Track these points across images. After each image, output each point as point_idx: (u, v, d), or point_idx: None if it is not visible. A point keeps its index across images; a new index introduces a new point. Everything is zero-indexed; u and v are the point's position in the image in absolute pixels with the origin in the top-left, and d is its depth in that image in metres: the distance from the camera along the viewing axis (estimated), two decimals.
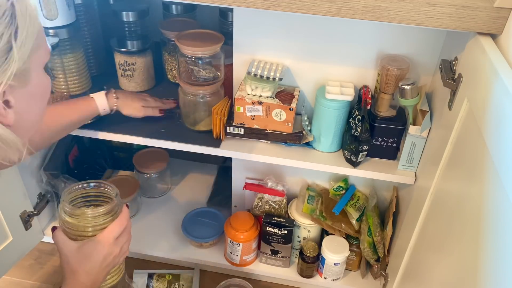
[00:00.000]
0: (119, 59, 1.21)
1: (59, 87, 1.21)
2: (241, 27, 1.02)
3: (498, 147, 0.58)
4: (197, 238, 1.31)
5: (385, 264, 1.17)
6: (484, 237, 0.59)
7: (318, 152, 1.09)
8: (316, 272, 1.27)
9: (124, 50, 1.20)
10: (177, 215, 1.42)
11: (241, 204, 1.34)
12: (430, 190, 0.88)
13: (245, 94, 1.04)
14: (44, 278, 1.35)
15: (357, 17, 0.77)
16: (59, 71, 1.19)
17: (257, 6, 0.79)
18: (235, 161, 1.24)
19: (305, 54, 1.03)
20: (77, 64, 1.20)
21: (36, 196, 1.31)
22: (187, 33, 1.06)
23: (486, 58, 0.68)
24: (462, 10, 0.73)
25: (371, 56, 1.01)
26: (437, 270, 0.78)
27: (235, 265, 1.30)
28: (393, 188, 1.19)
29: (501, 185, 0.55)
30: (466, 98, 0.74)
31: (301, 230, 1.24)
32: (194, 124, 1.13)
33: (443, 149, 0.82)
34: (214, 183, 1.55)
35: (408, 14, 0.75)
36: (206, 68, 1.07)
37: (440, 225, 0.81)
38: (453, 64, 0.84)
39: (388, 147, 1.05)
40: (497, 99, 0.61)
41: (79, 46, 1.20)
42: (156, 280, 1.32)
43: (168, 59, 1.29)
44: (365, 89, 1.02)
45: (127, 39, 1.22)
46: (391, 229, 1.14)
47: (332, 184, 1.24)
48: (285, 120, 1.03)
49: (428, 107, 0.97)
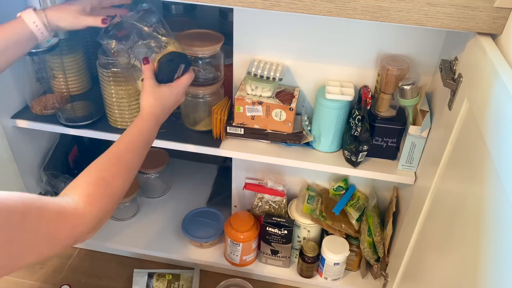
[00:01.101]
0: None
1: (59, 87, 1.21)
2: (241, 27, 1.02)
3: (498, 147, 0.58)
4: (197, 238, 1.31)
5: (385, 264, 1.17)
6: (484, 237, 0.59)
7: (318, 152, 1.09)
8: (316, 272, 1.27)
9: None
10: (177, 215, 1.42)
11: (241, 204, 1.34)
12: (430, 190, 0.88)
13: (245, 94, 1.04)
14: (44, 278, 1.35)
15: (357, 17, 0.77)
16: (59, 71, 1.19)
17: (257, 6, 0.79)
18: (235, 161, 1.24)
19: (305, 54, 1.03)
20: (77, 64, 1.20)
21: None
22: (187, 33, 1.06)
23: (486, 58, 0.68)
24: (462, 10, 0.73)
25: (371, 56, 1.01)
26: (437, 270, 0.78)
27: (235, 265, 1.30)
28: (393, 188, 1.19)
29: (501, 185, 0.55)
30: (466, 98, 0.74)
31: (301, 230, 1.24)
32: (194, 124, 1.13)
33: (443, 149, 0.82)
34: (214, 183, 1.55)
35: (408, 14, 0.75)
36: (206, 68, 1.07)
37: (440, 225, 0.81)
38: (453, 64, 0.84)
39: (388, 147, 1.05)
40: (497, 99, 0.61)
41: (79, 46, 1.20)
42: (156, 280, 1.32)
43: None
44: (365, 89, 1.02)
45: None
46: (391, 229, 1.14)
47: (332, 184, 1.24)
48: (285, 120, 1.03)
49: (428, 107, 0.97)
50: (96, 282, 1.36)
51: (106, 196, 0.71)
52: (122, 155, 0.78)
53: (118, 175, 0.75)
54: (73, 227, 0.64)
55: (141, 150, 0.82)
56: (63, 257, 1.42)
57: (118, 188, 0.75)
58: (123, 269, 1.40)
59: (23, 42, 0.90)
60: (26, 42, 0.91)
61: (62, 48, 1.15)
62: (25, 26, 0.89)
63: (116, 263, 1.42)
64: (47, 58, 1.16)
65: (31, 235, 0.57)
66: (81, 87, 1.25)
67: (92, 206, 0.68)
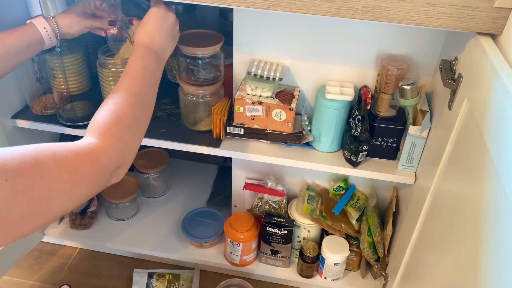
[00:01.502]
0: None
1: (59, 87, 1.21)
2: (241, 27, 1.02)
3: (498, 147, 0.58)
4: (197, 238, 1.31)
5: (385, 264, 1.17)
6: (484, 237, 0.59)
7: (318, 152, 1.09)
8: (316, 272, 1.27)
9: None
10: (177, 215, 1.42)
11: (241, 204, 1.34)
12: (430, 190, 0.88)
13: (245, 94, 1.04)
14: (44, 278, 1.35)
15: (357, 17, 0.77)
16: (59, 71, 1.19)
17: (257, 6, 0.79)
18: (235, 161, 1.24)
19: (305, 54, 1.03)
20: (76, 64, 1.20)
21: None
22: (187, 33, 1.06)
23: (486, 58, 0.68)
24: (462, 10, 0.73)
25: (371, 56, 1.01)
26: (437, 270, 0.78)
27: (235, 265, 1.30)
28: (393, 188, 1.19)
29: (501, 185, 0.55)
30: (466, 98, 0.74)
31: (301, 230, 1.24)
32: (194, 124, 1.13)
33: (443, 149, 0.82)
34: (214, 183, 1.55)
35: (408, 14, 0.75)
36: (206, 68, 1.07)
37: (440, 225, 0.81)
38: (453, 64, 0.84)
39: (388, 147, 1.05)
40: (497, 99, 0.61)
41: (78, 46, 1.20)
42: (156, 279, 1.32)
43: (168, 59, 1.28)
44: (365, 89, 1.02)
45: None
46: (391, 229, 1.14)
47: (332, 184, 1.24)
48: (285, 120, 1.03)
49: (428, 107, 0.97)
50: (96, 282, 1.36)
51: (120, 125, 0.69)
52: (128, 89, 0.75)
53: (127, 104, 0.72)
54: (93, 162, 0.62)
55: (147, 83, 0.79)
56: (63, 257, 1.42)
57: (132, 117, 0.72)
58: (123, 269, 1.40)
59: (33, 46, 0.94)
60: (35, 47, 0.94)
61: (62, 48, 1.15)
62: (36, 31, 0.93)
63: (116, 263, 1.42)
64: (47, 58, 1.16)
65: (51, 179, 0.56)
66: (81, 87, 1.25)
67: (106, 136, 0.66)
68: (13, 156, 0.53)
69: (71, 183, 0.59)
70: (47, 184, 0.55)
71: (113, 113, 0.70)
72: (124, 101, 0.72)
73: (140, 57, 0.81)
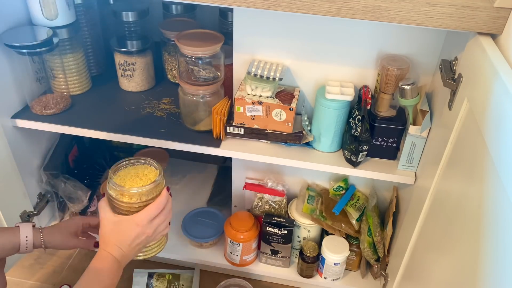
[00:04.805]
0: (119, 59, 1.21)
1: (59, 87, 1.21)
2: (241, 27, 1.02)
3: (498, 147, 0.58)
4: (197, 238, 1.31)
5: (385, 264, 1.17)
6: (484, 237, 0.59)
7: (318, 152, 1.09)
8: (316, 272, 1.27)
9: (124, 50, 1.20)
10: (177, 215, 1.42)
11: (241, 204, 1.34)
12: (430, 190, 0.88)
13: (245, 94, 1.04)
14: (44, 278, 1.35)
15: (357, 17, 0.77)
16: (59, 71, 1.19)
17: (257, 6, 0.79)
18: (235, 161, 1.24)
19: (305, 54, 1.03)
20: (77, 64, 1.20)
21: (36, 196, 1.31)
22: (187, 33, 1.06)
23: (486, 58, 0.68)
24: (462, 10, 0.73)
25: (371, 56, 1.01)
26: (437, 270, 0.78)
27: (235, 265, 1.30)
28: (393, 188, 1.19)
29: (501, 185, 0.55)
30: (466, 98, 0.74)
31: (301, 230, 1.24)
32: (194, 124, 1.13)
33: (443, 149, 0.82)
34: (214, 183, 1.55)
35: (408, 14, 0.75)
36: (206, 68, 1.07)
37: (440, 225, 0.81)
38: (453, 64, 0.84)
39: (388, 147, 1.05)
40: (497, 99, 0.61)
41: (79, 46, 1.20)
42: (156, 279, 1.32)
43: (168, 59, 1.29)
44: (365, 89, 1.02)
45: (127, 39, 1.22)
46: (391, 229, 1.14)
47: (332, 184, 1.24)
48: (285, 120, 1.03)
49: (428, 107, 0.97)
50: None
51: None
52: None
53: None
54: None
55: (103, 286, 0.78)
56: (63, 257, 1.42)
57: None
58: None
59: (5, 249, 0.91)
60: (8, 250, 0.92)
61: (62, 48, 1.15)
62: (17, 237, 0.91)
63: None
64: (47, 58, 1.16)
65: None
66: (81, 87, 1.24)
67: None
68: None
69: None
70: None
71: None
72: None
73: (101, 262, 0.79)
